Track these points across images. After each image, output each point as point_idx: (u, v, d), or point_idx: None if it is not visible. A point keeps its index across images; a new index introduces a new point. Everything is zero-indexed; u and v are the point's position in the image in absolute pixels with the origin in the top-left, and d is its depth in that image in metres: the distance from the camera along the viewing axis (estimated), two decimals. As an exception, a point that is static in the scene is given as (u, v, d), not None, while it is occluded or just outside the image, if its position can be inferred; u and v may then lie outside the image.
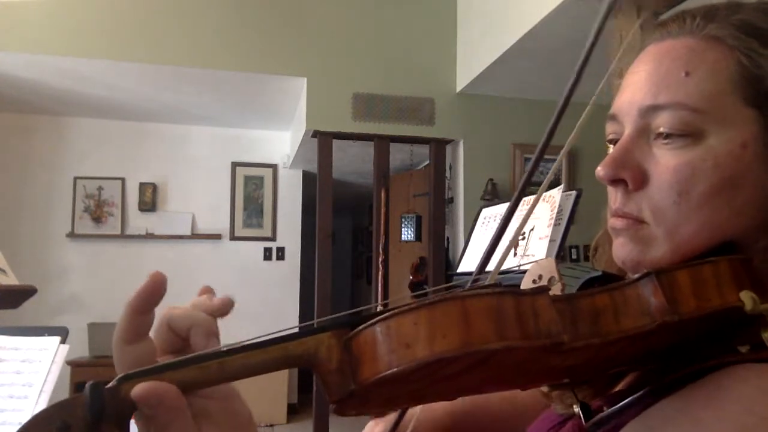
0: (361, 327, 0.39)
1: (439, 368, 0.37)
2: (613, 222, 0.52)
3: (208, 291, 0.46)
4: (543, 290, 0.40)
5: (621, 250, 0.51)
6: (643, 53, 0.52)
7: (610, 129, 0.54)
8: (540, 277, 0.50)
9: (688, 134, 0.47)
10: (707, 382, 0.42)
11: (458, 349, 0.36)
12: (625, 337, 0.41)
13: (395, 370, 0.36)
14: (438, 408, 0.76)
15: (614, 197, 0.52)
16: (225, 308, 0.45)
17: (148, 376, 0.38)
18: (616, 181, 0.50)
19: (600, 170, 0.50)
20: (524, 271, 0.52)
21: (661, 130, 0.48)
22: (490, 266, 0.46)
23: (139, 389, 0.36)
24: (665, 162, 0.48)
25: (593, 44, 0.44)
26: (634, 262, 0.50)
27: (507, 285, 0.42)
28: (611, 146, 0.54)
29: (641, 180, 0.49)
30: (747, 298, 0.41)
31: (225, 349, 0.40)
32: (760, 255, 0.46)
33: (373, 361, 0.37)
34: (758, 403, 0.39)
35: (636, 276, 0.43)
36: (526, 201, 2.01)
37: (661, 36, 0.52)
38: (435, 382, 0.40)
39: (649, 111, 0.49)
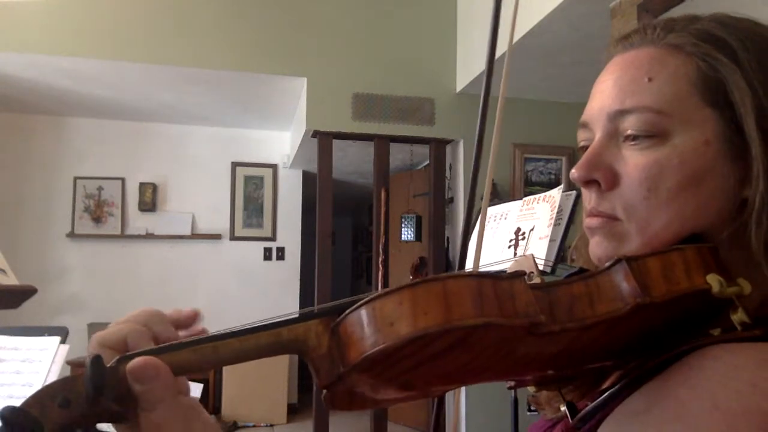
0: (347, 311, 0.40)
1: (423, 346, 0.38)
2: (589, 221, 0.55)
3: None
4: (519, 275, 0.41)
5: (597, 247, 0.54)
6: (609, 64, 0.56)
7: (581, 136, 0.57)
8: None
9: (654, 135, 0.51)
10: (682, 364, 0.45)
11: (440, 325, 0.37)
12: (601, 322, 0.42)
13: (381, 347, 0.37)
14: None
15: (588, 198, 0.55)
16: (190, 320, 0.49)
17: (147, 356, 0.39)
18: (589, 183, 0.54)
19: (574, 172, 0.54)
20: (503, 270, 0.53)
21: (629, 132, 0.52)
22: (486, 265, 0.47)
23: (135, 362, 0.38)
24: (634, 161, 0.51)
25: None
26: (609, 258, 0.52)
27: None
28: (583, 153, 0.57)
29: (613, 180, 0.53)
30: (714, 280, 0.43)
31: (220, 333, 0.41)
32: (725, 245, 0.49)
33: (360, 342, 0.39)
34: (731, 378, 0.41)
35: (608, 264, 0.45)
36: (527, 201, 2.01)
37: (624, 47, 0.56)
38: (419, 365, 0.41)
39: (617, 115, 0.53)
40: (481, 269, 0.48)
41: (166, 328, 0.46)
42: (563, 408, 0.53)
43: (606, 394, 0.48)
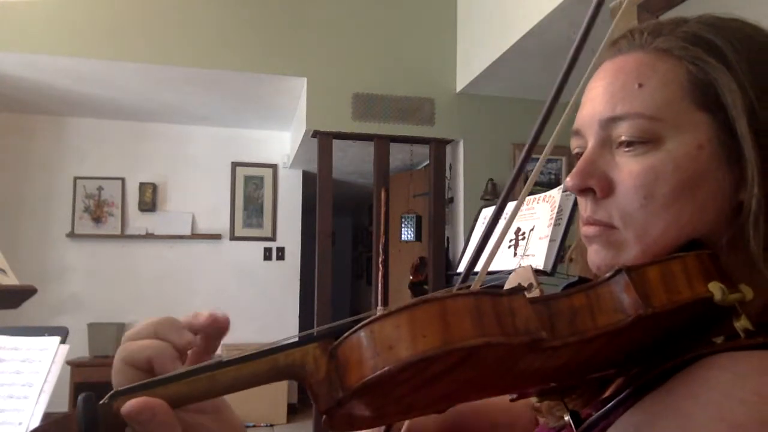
0: (345, 335, 0.39)
1: (424, 368, 0.38)
2: (586, 230, 0.54)
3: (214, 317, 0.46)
4: (518, 290, 0.41)
5: (595, 256, 0.54)
6: (599, 71, 0.56)
7: (574, 144, 0.57)
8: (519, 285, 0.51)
9: (647, 141, 0.50)
10: (686, 374, 0.44)
11: (439, 347, 0.36)
12: (603, 334, 0.42)
13: (380, 372, 0.37)
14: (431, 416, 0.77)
15: (584, 206, 0.54)
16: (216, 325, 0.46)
17: (140, 392, 0.38)
18: (584, 191, 0.53)
19: (569, 181, 0.53)
20: (510, 271, 0.53)
21: (623, 138, 0.51)
22: (484, 266, 0.47)
23: (130, 405, 0.36)
24: (629, 168, 0.51)
25: (583, 40, 0.46)
26: (608, 266, 0.51)
27: (486, 287, 0.42)
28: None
29: (608, 187, 0.52)
30: (716, 288, 0.43)
31: (214, 362, 0.40)
32: (725, 250, 0.48)
33: (359, 366, 0.38)
34: (735, 388, 0.41)
35: (608, 274, 0.44)
36: (527, 200, 2.01)
37: (613, 53, 0.55)
38: (420, 387, 0.41)
39: (609, 123, 0.52)
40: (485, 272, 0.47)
41: (183, 336, 0.44)
42: (566, 417, 0.52)
43: (610, 404, 0.48)
